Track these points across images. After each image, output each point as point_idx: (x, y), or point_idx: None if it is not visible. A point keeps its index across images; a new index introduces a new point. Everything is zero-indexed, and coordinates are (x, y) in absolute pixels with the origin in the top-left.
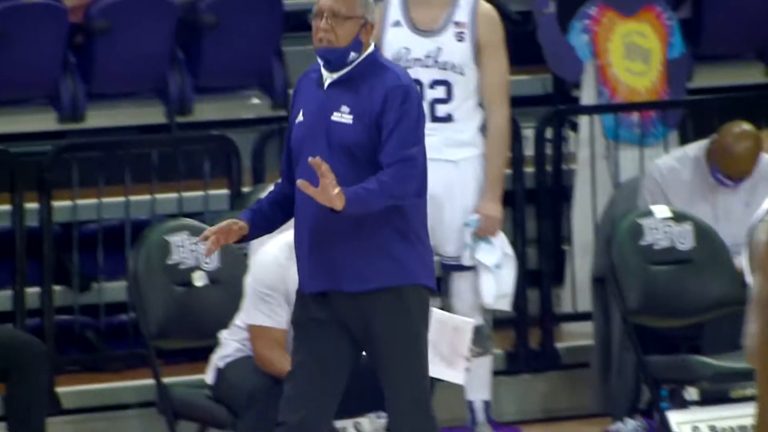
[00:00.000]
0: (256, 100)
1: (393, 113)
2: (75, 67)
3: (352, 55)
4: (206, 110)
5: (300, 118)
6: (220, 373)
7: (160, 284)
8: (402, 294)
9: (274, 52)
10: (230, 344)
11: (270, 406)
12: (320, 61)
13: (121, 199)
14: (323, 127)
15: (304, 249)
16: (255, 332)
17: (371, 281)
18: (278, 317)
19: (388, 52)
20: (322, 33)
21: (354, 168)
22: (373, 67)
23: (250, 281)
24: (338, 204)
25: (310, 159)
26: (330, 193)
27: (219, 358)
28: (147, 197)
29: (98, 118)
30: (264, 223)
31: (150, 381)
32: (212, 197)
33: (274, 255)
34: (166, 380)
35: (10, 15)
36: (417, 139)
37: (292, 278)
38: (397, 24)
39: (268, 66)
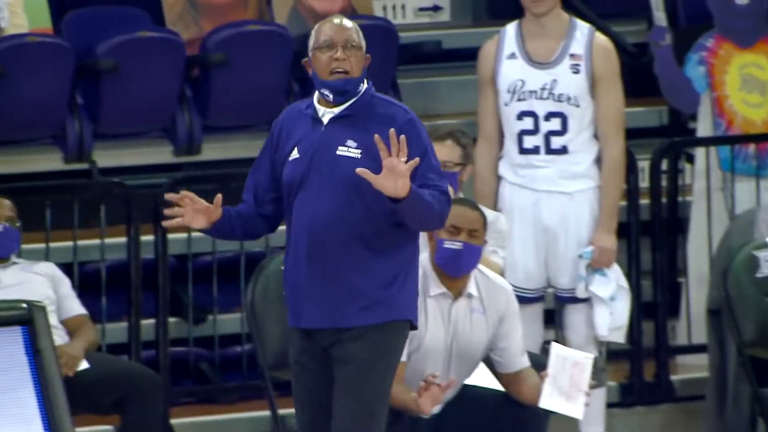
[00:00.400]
0: None
1: (413, 148)
2: (191, 100)
3: (360, 86)
4: None
5: (294, 155)
6: None
7: (277, 315)
8: (393, 328)
9: (389, 84)
10: None
11: None
12: (327, 94)
13: None
14: (327, 161)
15: (303, 283)
16: None
17: (373, 316)
18: None
19: (503, 84)
20: (337, 63)
21: (360, 204)
22: (374, 100)
23: None
24: (404, 190)
25: (391, 131)
26: (402, 170)
27: None
28: None
29: (213, 150)
30: (225, 228)
31: (264, 413)
32: None
33: None
34: (282, 411)
35: (128, 48)
36: (443, 174)
37: None
38: (512, 56)
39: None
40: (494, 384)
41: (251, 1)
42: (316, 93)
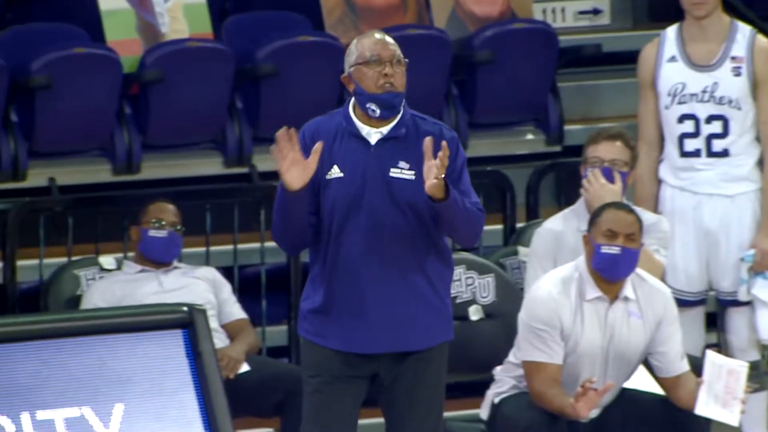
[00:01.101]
0: (530, 136)
1: (454, 163)
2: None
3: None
4: (481, 146)
5: (336, 173)
6: (496, 408)
7: None
8: (444, 348)
9: (549, 88)
10: (505, 381)
11: None
12: (374, 109)
13: None
14: (381, 183)
15: (357, 307)
16: (530, 368)
17: (435, 337)
18: (553, 352)
19: (664, 87)
20: (385, 79)
21: (420, 224)
22: (414, 119)
23: (523, 317)
24: (442, 191)
25: (426, 139)
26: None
27: (494, 393)
28: None
29: None
30: (300, 206)
31: None
32: (486, 233)
33: (548, 290)
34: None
35: (288, 53)
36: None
37: (566, 312)
38: (672, 59)
39: (543, 101)
40: (654, 387)
41: (411, 5)
42: (352, 109)
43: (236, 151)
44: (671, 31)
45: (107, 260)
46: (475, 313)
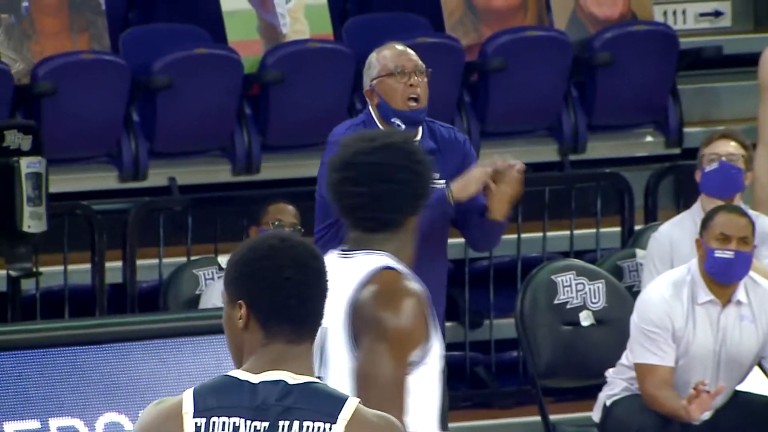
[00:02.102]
0: (649, 138)
1: (472, 162)
2: (469, 106)
3: None
4: (599, 148)
5: None
6: (608, 411)
7: (547, 323)
8: None
9: (669, 90)
10: (617, 383)
11: None
12: (399, 124)
13: (513, 236)
14: None
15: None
16: (642, 371)
17: None
18: (665, 355)
19: None
20: (411, 90)
21: (443, 233)
22: (431, 126)
23: (635, 320)
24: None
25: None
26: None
27: (606, 396)
28: (539, 235)
29: (492, 156)
30: None
31: (537, 418)
32: (604, 235)
33: (660, 293)
34: (554, 417)
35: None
36: None
37: (678, 315)
38: None
39: (663, 104)
40: None
41: (531, 6)
42: (378, 123)
43: None
44: None
45: (226, 260)
46: (585, 319)
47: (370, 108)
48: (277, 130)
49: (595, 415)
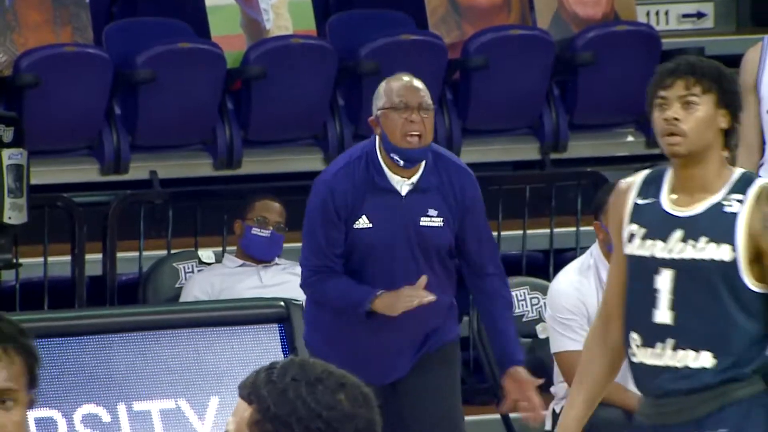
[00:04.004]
0: (630, 138)
1: (478, 209)
2: (450, 103)
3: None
4: (580, 147)
5: (365, 223)
6: (556, 416)
7: None
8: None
9: None
10: (560, 388)
11: None
12: (397, 159)
13: (494, 234)
14: (410, 233)
15: (385, 347)
16: (562, 359)
17: (450, 333)
18: (582, 339)
19: (766, 92)
20: (410, 127)
21: (444, 269)
22: (436, 159)
23: (549, 313)
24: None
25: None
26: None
27: (554, 403)
28: (518, 233)
29: (473, 153)
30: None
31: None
32: (584, 234)
33: (568, 280)
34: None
35: (390, 51)
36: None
37: (589, 298)
38: None
39: (644, 103)
40: None
41: (514, 5)
42: (380, 154)
43: (337, 148)
44: None
45: (206, 254)
46: (542, 332)
47: (376, 137)
48: (258, 125)
49: (547, 423)
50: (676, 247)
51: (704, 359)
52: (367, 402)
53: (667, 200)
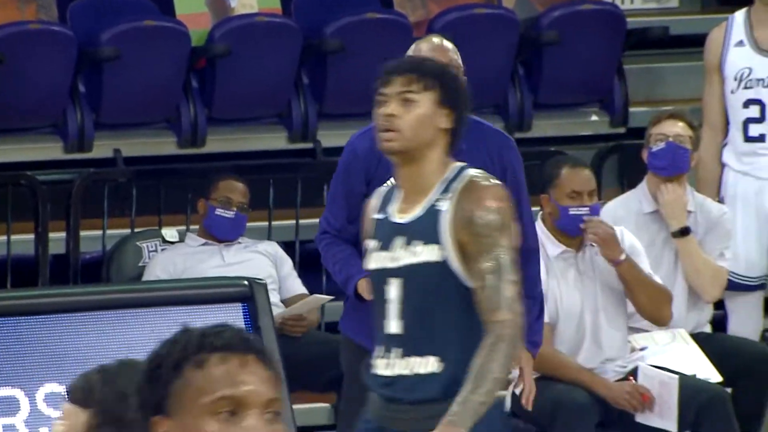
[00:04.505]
0: (595, 117)
1: (514, 178)
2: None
3: None
4: (544, 126)
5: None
6: (516, 398)
7: None
8: None
9: (615, 70)
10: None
11: None
12: None
13: None
14: None
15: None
16: None
17: None
18: None
19: (730, 72)
20: None
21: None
22: (470, 122)
23: None
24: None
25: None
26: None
27: (513, 386)
28: None
29: None
30: None
31: None
32: None
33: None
34: None
35: (356, 29)
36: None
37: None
38: (740, 44)
39: (609, 83)
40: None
41: None
42: None
43: (301, 127)
44: (739, 15)
45: (170, 232)
46: None
47: None
48: (223, 104)
49: (507, 404)
50: (398, 255)
51: (431, 364)
52: None
53: (395, 209)
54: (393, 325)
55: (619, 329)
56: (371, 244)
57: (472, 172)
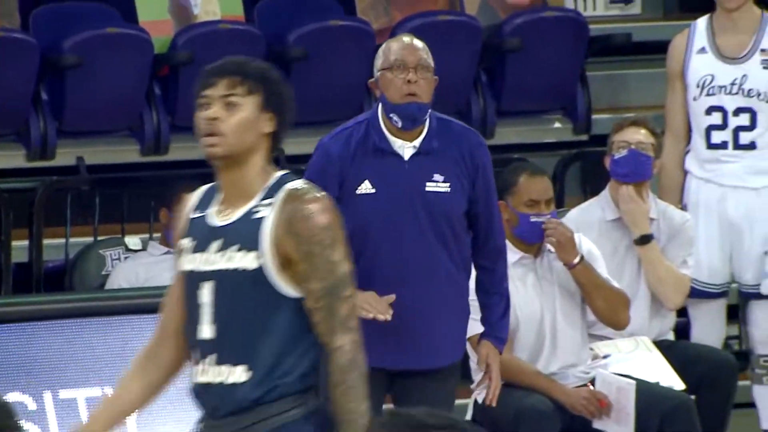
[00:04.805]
0: (558, 124)
1: (488, 173)
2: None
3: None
4: (507, 133)
5: (367, 188)
6: (478, 406)
7: None
8: (457, 367)
9: (578, 77)
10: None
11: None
12: (396, 120)
13: None
14: (416, 199)
15: (394, 327)
16: (474, 343)
17: (455, 354)
18: None
19: (693, 79)
20: (408, 87)
21: (454, 236)
22: (440, 124)
23: None
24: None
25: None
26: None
27: (476, 394)
28: None
29: None
30: None
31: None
32: None
33: None
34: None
35: (319, 37)
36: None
37: None
38: (702, 50)
39: (572, 90)
40: (661, 378)
41: None
42: (381, 118)
43: None
44: (702, 22)
45: (133, 241)
46: None
47: (379, 105)
48: (186, 111)
49: (468, 413)
50: (213, 259)
51: (239, 373)
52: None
53: (214, 211)
54: (206, 330)
55: (578, 334)
56: (185, 242)
57: (294, 183)
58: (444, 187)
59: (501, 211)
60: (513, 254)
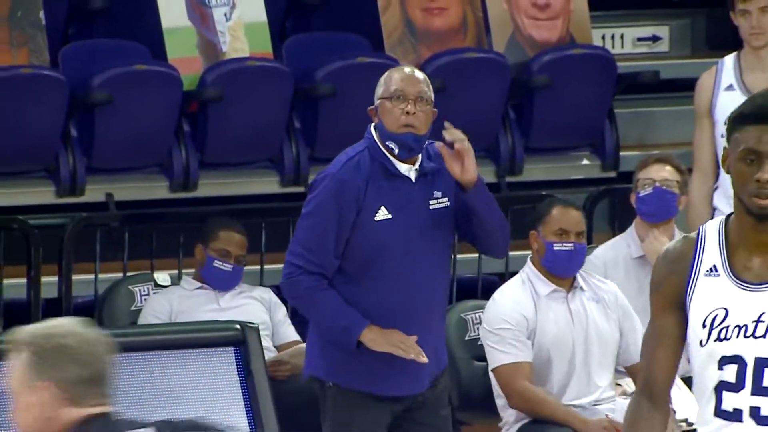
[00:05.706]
0: (586, 161)
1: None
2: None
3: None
4: (536, 170)
5: (384, 215)
6: None
7: (459, 357)
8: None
9: (606, 114)
10: (508, 414)
11: None
12: (393, 147)
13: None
14: (423, 218)
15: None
16: (500, 374)
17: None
18: (519, 351)
19: (720, 116)
20: (407, 118)
21: (448, 250)
22: (428, 147)
23: (484, 328)
24: (473, 172)
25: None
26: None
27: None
28: (474, 256)
29: None
30: None
31: None
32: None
33: (505, 293)
34: None
35: (346, 74)
36: None
37: (527, 307)
38: (729, 88)
39: (600, 127)
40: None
41: (470, 28)
42: (381, 145)
43: (293, 171)
44: (729, 59)
45: (162, 276)
46: None
47: (372, 128)
48: (215, 148)
49: None
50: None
51: None
52: None
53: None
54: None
55: (607, 371)
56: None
57: None
58: (444, 202)
59: (531, 242)
60: (545, 286)
